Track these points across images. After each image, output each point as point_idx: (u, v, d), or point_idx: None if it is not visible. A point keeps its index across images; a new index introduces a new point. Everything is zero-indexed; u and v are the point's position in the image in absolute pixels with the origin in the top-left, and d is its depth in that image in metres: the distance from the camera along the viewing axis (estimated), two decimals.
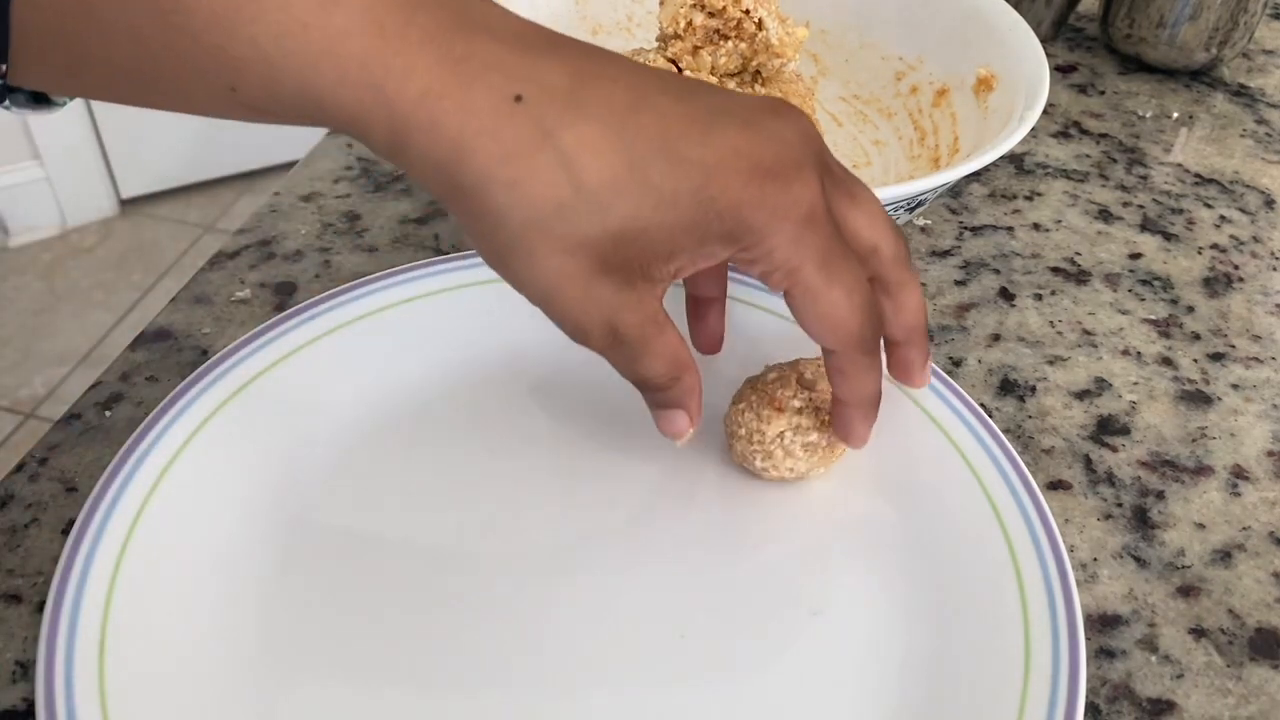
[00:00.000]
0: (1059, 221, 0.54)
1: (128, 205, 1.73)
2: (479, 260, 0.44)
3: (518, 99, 0.27)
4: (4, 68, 0.25)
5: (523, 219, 0.28)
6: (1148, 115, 0.62)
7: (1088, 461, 0.42)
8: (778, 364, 0.38)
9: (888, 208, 0.44)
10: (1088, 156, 0.59)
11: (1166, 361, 0.46)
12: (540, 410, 0.41)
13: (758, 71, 0.48)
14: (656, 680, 0.33)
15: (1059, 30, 0.68)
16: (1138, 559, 0.38)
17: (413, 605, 0.35)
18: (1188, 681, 0.35)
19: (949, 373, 0.45)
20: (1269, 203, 0.56)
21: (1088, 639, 0.36)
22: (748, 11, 0.45)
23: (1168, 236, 0.53)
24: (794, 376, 0.37)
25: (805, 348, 0.42)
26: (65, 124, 1.56)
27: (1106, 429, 0.43)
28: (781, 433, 0.37)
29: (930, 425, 0.39)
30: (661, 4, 0.47)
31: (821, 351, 0.34)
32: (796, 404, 0.37)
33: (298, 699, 0.32)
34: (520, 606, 0.35)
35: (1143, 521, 0.40)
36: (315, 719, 0.32)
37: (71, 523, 0.37)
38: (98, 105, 1.59)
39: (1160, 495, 0.41)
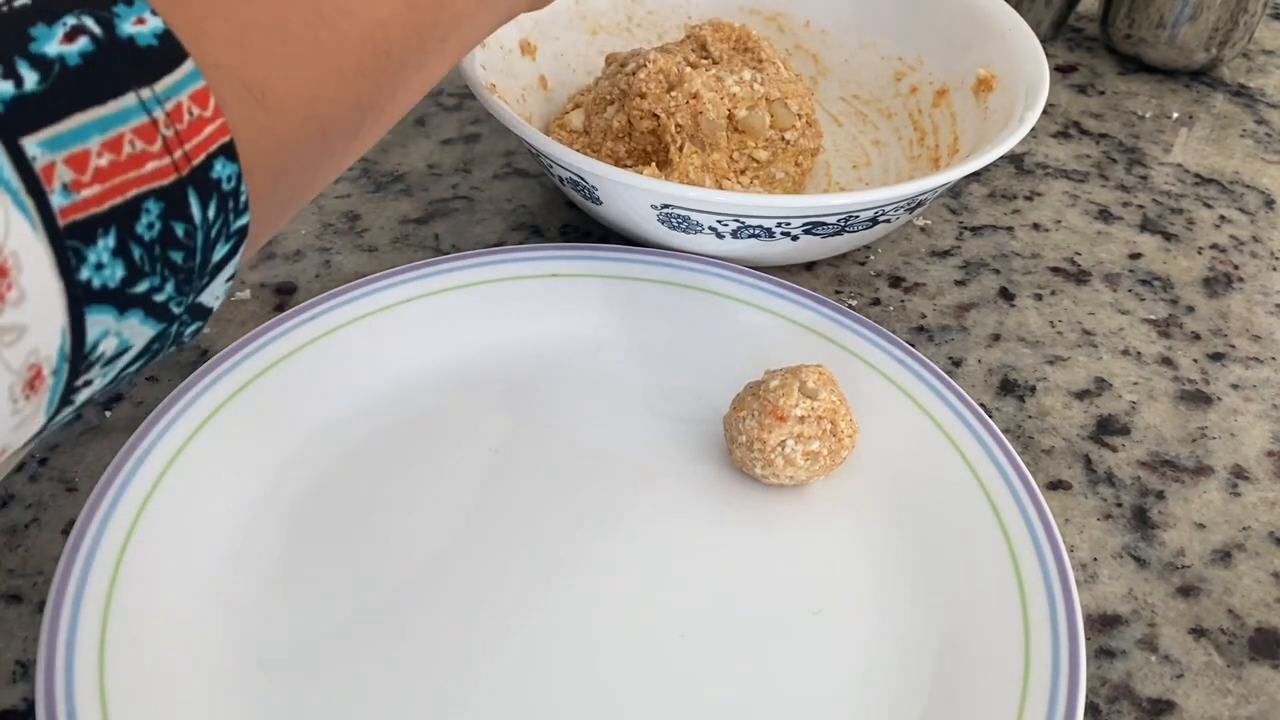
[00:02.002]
0: (1059, 221, 0.54)
1: None
2: (479, 260, 0.44)
3: None
4: (245, 220, 0.24)
5: None
6: (1148, 115, 0.62)
7: (1088, 461, 0.42)
8: (779, 370, 0.38)
9: (887, 208, 0.44)
10: (1088, 156, 0.59)
11: (1166, 361, 0.46)
12: (541, 410, 0.41)
13: (753, 52, 0.50)
14: (656, 680, 0.33)
15: (1059, 30, 0.68)
16: (1138, 559, 0.38)
17: (412, 604, 0.35)
18: (1188, 681, 0.35)
19: (949, 373, 0.45)
20: (1269, 203, 0.56)
21: (1088, 639, 0.36)
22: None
23: (1168, 236, 0.53)
24: (796, 385, 0.37)
25: (806, 353, 0.42)
26: None
27: (1106, 429, 0.43)
28: (783, 441, 0.37)
29: (930, 425, 0.39)
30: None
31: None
32: (799, 413, 0.37)
33: (298, 699, 0.32)
34: (520, 606, 0.35)
35: (1143, 521, 0.40)
36: (315, 718, 0.32)
37: (71, 523, 0.37)
38: None
39: (1160, 495, 0.41)
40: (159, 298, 0.22)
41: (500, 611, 0.35)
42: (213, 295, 0.25)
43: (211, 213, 0.23)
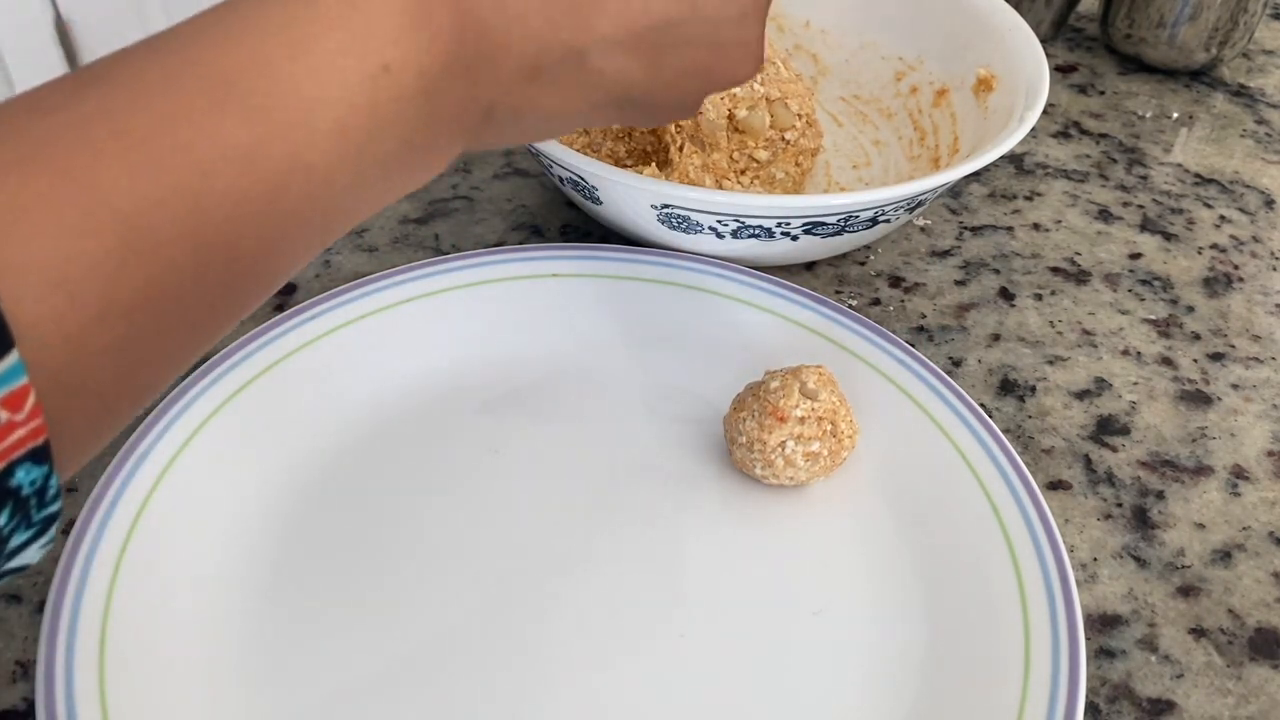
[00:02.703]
0: (1059, 221, 0.54)
1: None
2: (479, 260, 0.44)
3: None
4: (54, 508, 0.21)
5: None
6: (1148, 115, 0.62)
7: (1088, 461, 0.42)
8: (779, 370, 0.38)
9: (887, 208, 0.44)
10: (1088, 156, 0.59)
11: (1166, 361, 0.46)
12: (540, 411, 0.41)
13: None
14: (656, 680, 0.33)
15: (1059, 30, 0.68)
16: (1138, 559, 0.38)
17: (412, 604, 0.35)
18: (1188, 681, 0.35)
19: (949, 373, 0.45)
20: (1269, 203, 0.56)
21: (1088, 639, 0.36)
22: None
23: (1168, 236, 0.53)
24: (796, 385, 0.37)
25: (806, 353, 0.42)
26: None
27: (1106, 429, 0.43)
28: (783, 442, 0.37)
29: (930, 425, 0.39)
30: None
31: None
32: (799, 414, 0.37)
33: (297, 699, 0.32)
34: (520, 606, 0.35)
35: (1143, 521, 0.40)
36: (315, 718, 0.32)
37: (72, 523, 0.37)
38: None
39: (1160, 495, 0.41)
40: None
41: (499, 610, 0.35)
42: (23, 560, 0.22)
43: (3, 520, 0.20)
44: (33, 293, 0.19)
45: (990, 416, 0.42)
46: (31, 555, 0.22)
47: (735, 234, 0.43)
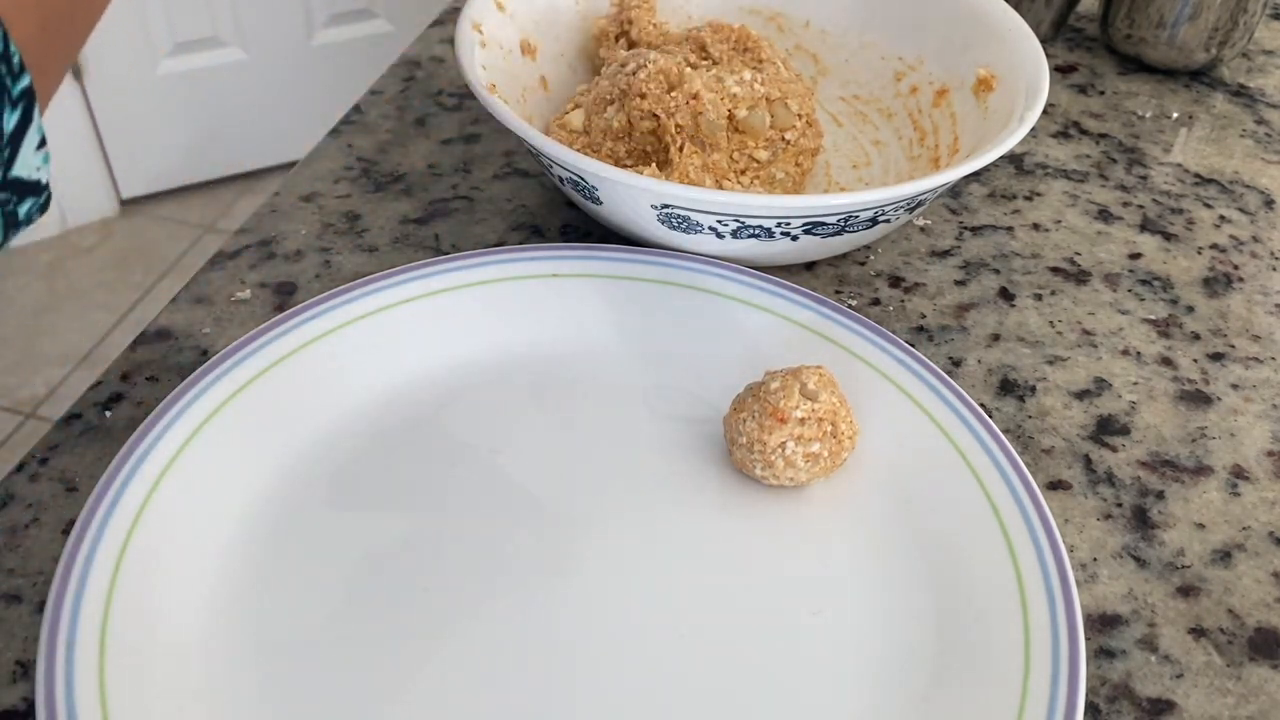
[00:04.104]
0: (1059, 221, 0.54)
1: (128, 205, 1.73)
2: (479, 260, 0.44)
3: None
4: (26, 82, 0.23)
5: None
6: (1147, 115, 0.62)
7: (1087, 461, 0.42)
8: (779, 371, 0.38)
9: (887, 208, 0.44)
10: (1087, 156, 0.59)
11: (1166, 361, 0.46)
12: (540, 411, 0.41)
13: (753, 52, 0.51)
14: (656, 680, 0.33)
15: (1059, 30, 0.68)
16: (1137, 559, 0.38)
17: (412, 604, 0.35)
18: (1187, 681, 0.35)
19: (949, 373, 0.45)
20: (1269, 203, 0.56)
21: (1088, 639, 0.36)
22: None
23: (1167, 236, 0.53)
24: (796, 386, 0.37)
25: (806, 353, 0.42)
26: (65, 124, 1.56)
27: (1106, 429, 0.43)
28: (783, 443, 0.37)
29: (930, 425, 0.39)
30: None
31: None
32: (799, 414, 0.37)
33: (297, 699, 0.32)
34: (520, 606, 0.35)
35: (1142, 521, 0.40)
36: (315, 718, 0.32)
37: (71, 523, 0.37)
38: (97, 105, 1.59)
39: (1160, 495, 0.41)
40: None
41: (499, 611, 0.35)
42: (28, 167, 0.23)
43: None
44: None
45: (990, 416, 0.42)
46: (34, 161, 0.23)
47: (735, 234, 0.43)
